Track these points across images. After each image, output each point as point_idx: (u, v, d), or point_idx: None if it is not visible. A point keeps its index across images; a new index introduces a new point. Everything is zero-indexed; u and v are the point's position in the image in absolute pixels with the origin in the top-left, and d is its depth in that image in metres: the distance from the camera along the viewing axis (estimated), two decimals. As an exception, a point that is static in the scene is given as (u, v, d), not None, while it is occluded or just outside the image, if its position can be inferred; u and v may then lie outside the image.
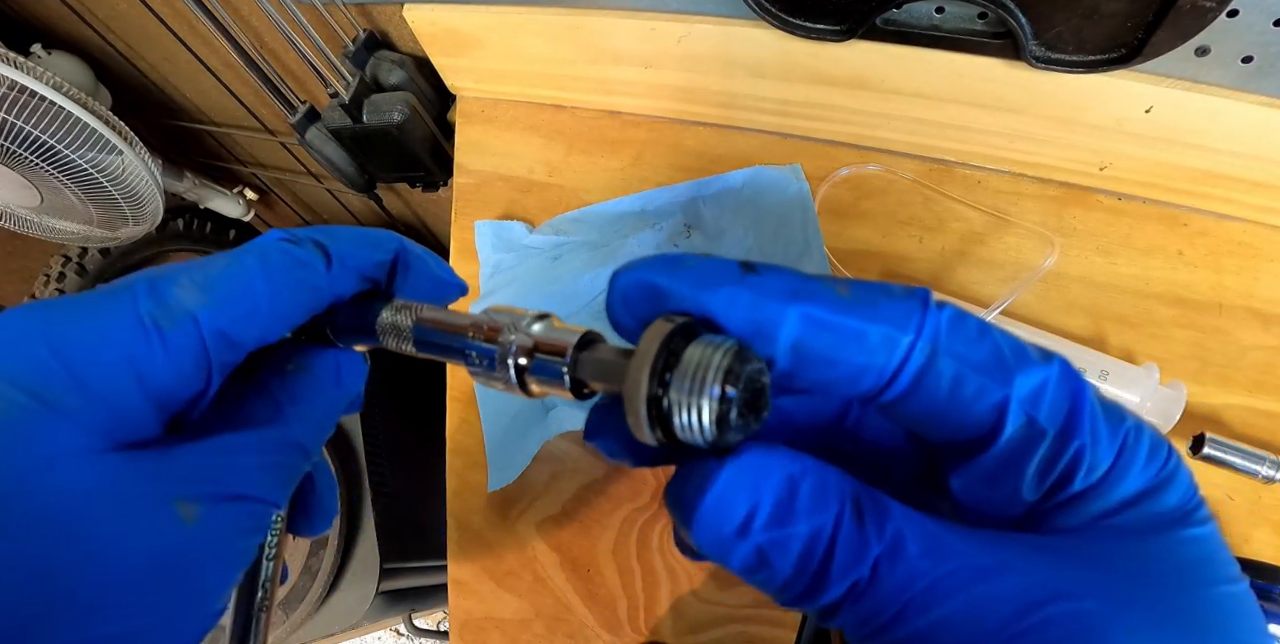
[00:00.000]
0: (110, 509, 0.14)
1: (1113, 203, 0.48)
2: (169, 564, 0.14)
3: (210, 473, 0.15)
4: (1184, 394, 0.40)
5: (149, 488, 0.14)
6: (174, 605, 0.14)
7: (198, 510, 0.14)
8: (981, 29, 0.41)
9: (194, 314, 0.15)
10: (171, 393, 0.15)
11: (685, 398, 0.13)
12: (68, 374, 0.14)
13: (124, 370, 0.15)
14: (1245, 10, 0.35)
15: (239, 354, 0.17)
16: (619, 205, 0.54)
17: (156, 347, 0.15)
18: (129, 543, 0.14)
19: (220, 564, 0.15)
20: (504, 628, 0.48)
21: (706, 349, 0.13)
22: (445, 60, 0.60)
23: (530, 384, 0.16)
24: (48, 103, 0.72)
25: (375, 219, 1.21)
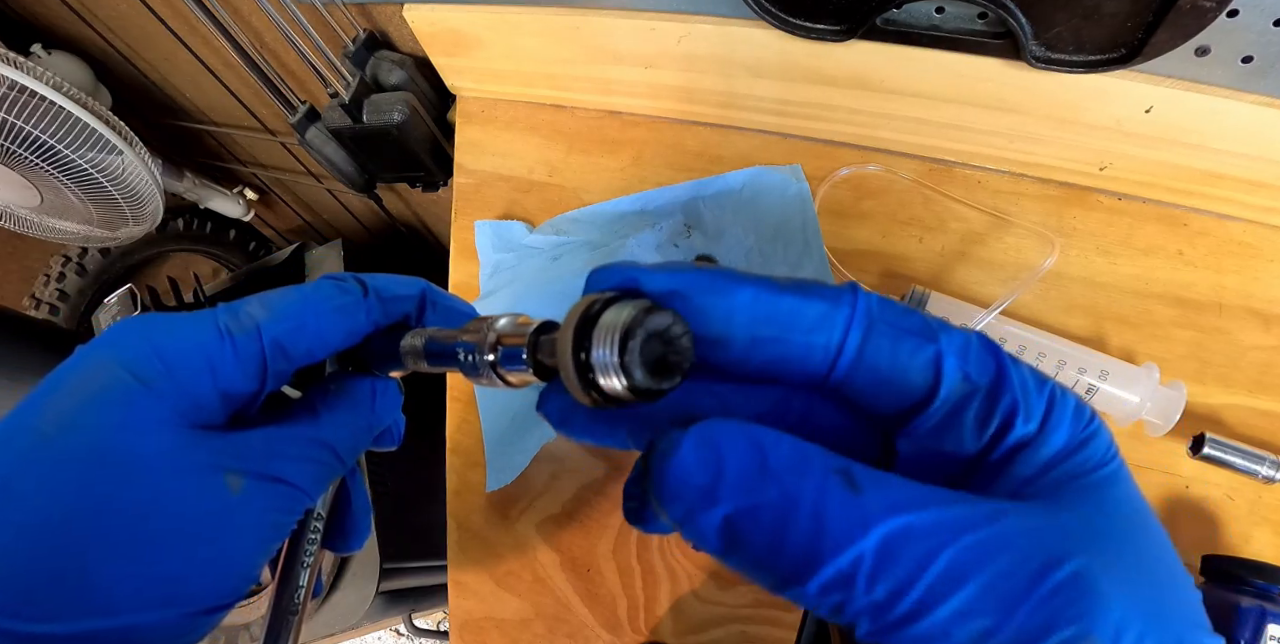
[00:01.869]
0: (173, 469, 0.17)
1: (1113, 203, 0.48)
2: (212, 522, 0.17)
3: (256, 455, 0.19)
4: (1184, 394, 0.40)
5: (207, 459, 0.18)
6: (210, 558, 0.17)
7: (243, 483, 0.18)
8: (981, 29, 0.41)
9: (258, 325, 0.19)
10: (235, 387, 0.19)
11: (600, 352, 0.14)
12: (161, 363, 0.18)
13: (202, 364, 0.18)
14: (1245, 10, 0.35)
15: (290, 364, 0.20)
16: (619, 205, 0.54)
17: (228, 348, 0.19)
18: (183, 498, 0.17)
19: (255, 532, 0.18)
20: (504, 628, 0.48)
21: (620, 310, 0.14)
22: (445, 60, 0.60)
23: (505, 375, 0.18)
24: (48, 103, 0.72)
25: (375, 219, 1.21)
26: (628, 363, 0.14)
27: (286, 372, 0.20)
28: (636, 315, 0.14)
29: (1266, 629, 0.33)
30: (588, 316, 0.14)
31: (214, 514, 0.17)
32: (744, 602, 0.45)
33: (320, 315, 0.20)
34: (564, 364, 0.14)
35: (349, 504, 0.24)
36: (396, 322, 0.23)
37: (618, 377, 0.14)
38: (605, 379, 0.14)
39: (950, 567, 0.12)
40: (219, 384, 0.19)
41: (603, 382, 0.14)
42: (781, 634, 0.43)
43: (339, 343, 0.21)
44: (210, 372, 0.18)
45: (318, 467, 0.20)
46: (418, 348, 0.21)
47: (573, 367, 0.14)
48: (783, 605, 0.44)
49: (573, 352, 0.14)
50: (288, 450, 0.19)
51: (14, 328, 0.84)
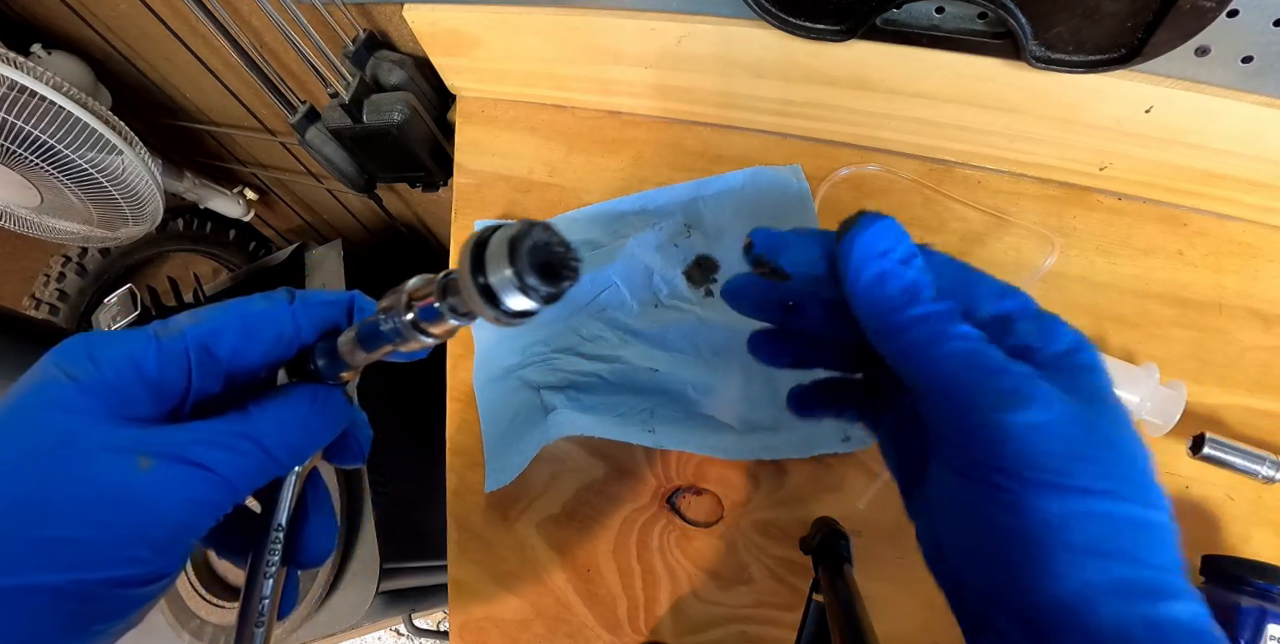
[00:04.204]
0: (87, 447, 0.19)
1: (1113, 203, 0.48)
2: (119, 493, 0.19)
3: (173, 441, 0.20)
4: (1184, 394, 0.40)
5: (121, 441, 0.20)
6: (118, 526, 0.19)
7: (153, 464, 0.20)
8: (981, 29, 0.41)
9: (184, 329, 0.22)
10: (161, 384, 0.21)
11: (496, 272, 0.16)
12: (90, 362, 0.21)
13: (126, 362, 0.21)
14: (1245, 10, 0.35)
15: (217, 363, 0.22)
16: (619, 205, 0.54)
17: (152, 347, 0.21)
18: (93, 472, 0.19)
19: (164, 508, 0.20)
20: (504, 628, 0.48)
21: (499, 234, 0.16)
22: (445, 60, 0.60)
23: (426, 327, 0.19)
24: (48, 103, 0.72)
25: (375, 219, 1.22)
26: (521, 274, 0.16)
27: (215, 371, 0.22)
28: (518, 232, 0.16)
29: (1266, 629, 0.33)
30: (478, 245, 0.16)
31: (120, 488, 0.19)
32: (744, 602, 0.45)
33: (244, 317, 0.23)
34: (467, 291, 0.16)
35: (306, 518, 0.25)
36: (329, 330, 0.24)
37: (517, 289, 0.16)
38: (507, 296, 0.16)
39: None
40: (144, 379, 0.21)
41: (506, 299, 0.16)
42: (781, 634, 0.43)
43: (269, 344, 0.23)
44: (134, 367, 0.21)
45: (239, 457, 0.21)
46: (351, 338, 0.22)
47: (476, 291, 0.16)
48: (783, 605, 0.44)
49: (471, 277, 0.16)
50: (205, 438, 0.21)
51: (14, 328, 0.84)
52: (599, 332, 0.50)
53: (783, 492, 0.46)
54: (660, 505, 0.47)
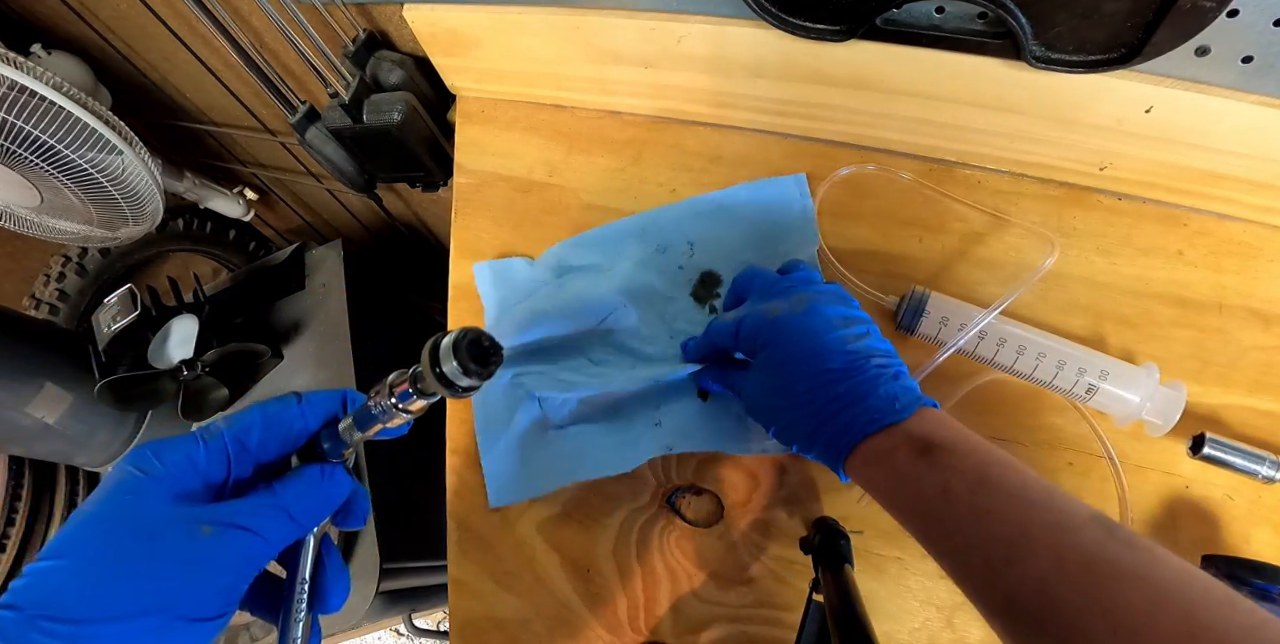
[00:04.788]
0: (164, 522, 0.26)
1: (1113, 203, 0.48)
2: (190, 554, 0.26)
3: (222, 513, 0.27)
4: (1184, 394, 0.40)
5: (186, 516, 0.27)
6: (190, 578, 0.26)
7: (212, 530, 0.26)
8: (981, 29, 0.41)
9: (221, 431, 0.29)
10: (210, 472, 0.29)
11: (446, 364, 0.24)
12: (157, 460, 0.28)
13: (184, 459, 0.28)
14: (1245, 10, 0.35)
15: (248, 453, 0.30)
16: (619, 227, 0.53)
17: (201, 448, 0.29)
18: (170, 540, 0.26)
19: (224, 561, 0.27)
20: (504, 628, 0.48)
21: (447, 339, 0.24)
22: (445, 60, 0.60)
23: (405, 407, 0.27)
24: (48, 103, 0.72)
25: (375, 219, 1.22)
26: (464, 363, 0.23)
27: (248, 460, 0.30)
28: (457, 337, 0.24)
29: (1266, 629, 0.33)
30: (434, 347, 0.24)
31: (191, 549, 0.26)
32: (744, 602, 0.45)
33: (265, 416, 0.30)
34: (428, 378, 0.24)
35: (324, 572, 0.31)
36: (329, 420, 0.31)
37: (462, 373, 0.24)
38: (456, 378, 0.24)
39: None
40: (197, 470, 0.28)
41: (456, 380, 0.24)
42: (781, 634, 0.43)
43: (284, 436, 0.30)
44: (190, 463, 0.28)
45: (273, 521, 0.28)
46: (349, 424, 0.30)
47: (434, 379, 0.24)
48: (783, 605, 0.44)
49: (431, 369, 0.24)
50: (247, 509, 0.28)
51: (14, 328, 0.84)
52: (607, 356, 0.50)
53: (783, 492, 0.46)
54: (660, 505, 0.47)
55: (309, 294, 0.95)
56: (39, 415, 0.80)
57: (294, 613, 0.29)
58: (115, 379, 0.78)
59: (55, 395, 0.81)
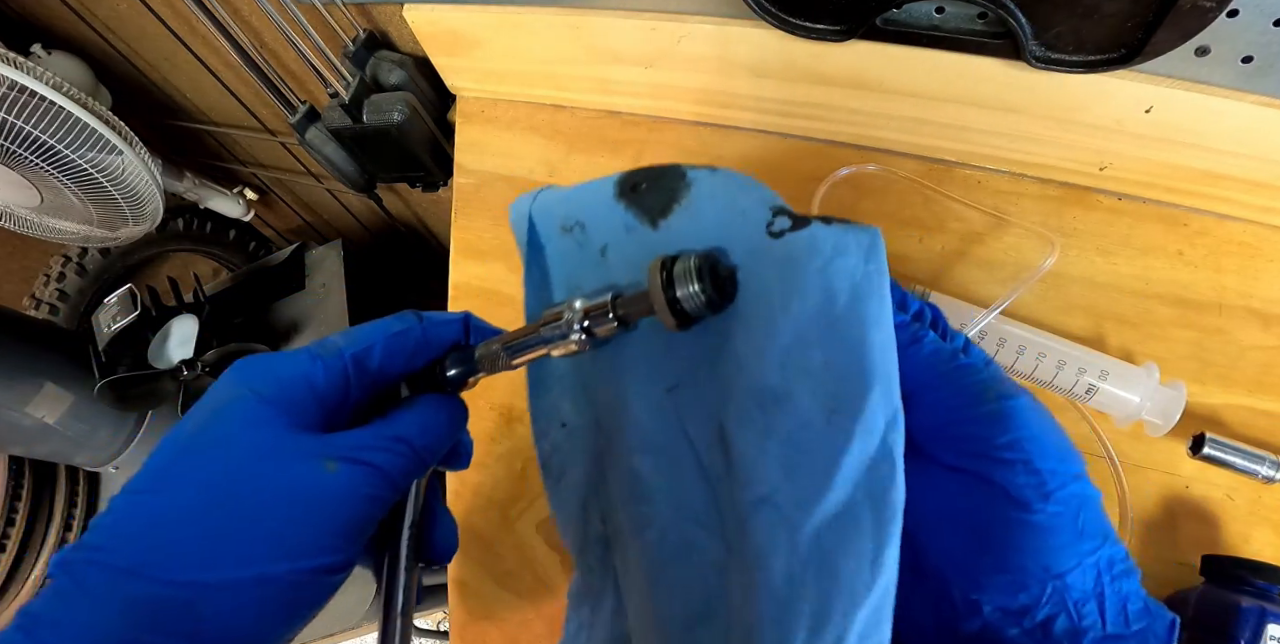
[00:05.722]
0: (285, 455, 0.23)
1: (1113, 203, 0.48)
2: (315, 493, 0.22)
3: (347, 446, 0.24)
4: (1184, 394, 0.40)
5: (310, 449, 0.23)
6: (315, 520, 0.22)
7: (337, 466, 0.23)
8: (981, 29, 0.41)
9: (340, 349, 0.25)
10: (327, 396, 0.25)
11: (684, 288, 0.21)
12: (273, 381, 0.24)
13: (301, 380, 0.24)
14: (1245, 10, 0.35)
15: (367, 377, 0.26)
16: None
17: (319, 367, 0.25)
18: (293, 476, 0.22)
19: (349, 502, 0.23)
20: (504, 628, 0.48)
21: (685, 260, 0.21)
22: (445, 60, 0.60)
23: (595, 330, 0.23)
24: (48, 103, 0.72)
25: (375, 219, 1.22)
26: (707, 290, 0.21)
27: (366, 385, 0.26)
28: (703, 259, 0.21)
29: (1266, 629, 0.33)
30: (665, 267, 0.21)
31: (316, 487, 0.22)
32: (744, 602, 0.45)
33: (387, 337, 0.26)
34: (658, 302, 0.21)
35: (432, 517, 0.28)
36: (449, 346, 0.28)
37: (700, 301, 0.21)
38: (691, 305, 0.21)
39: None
40: (315, 393, 0.24)
41: (688, 308, 0.21)
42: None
43: (405, 359, 0.27)
44: (308, 384, 0.24)
45: (396, 457, 0.24)
46: (495, 350, 0.26)
47: (665, 302, 0.21)
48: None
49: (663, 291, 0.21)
50: (371, 442, 0.24)
51: (14, 328, 0.84)
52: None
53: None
54: (660, 505, 0.47)
55: (309, 294, 0.95)
56: (39, 415, 0.81)
57: (401, 561, 0.26)
58: (115, 379, 0.78)
59: (55, 395, 0.81)
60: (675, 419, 0.24)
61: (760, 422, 0.20)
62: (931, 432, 0.22)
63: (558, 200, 0.28)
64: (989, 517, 0.21)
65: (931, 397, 0.21)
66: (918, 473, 0.20)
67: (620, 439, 0.26)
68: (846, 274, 0.20)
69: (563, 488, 0.30)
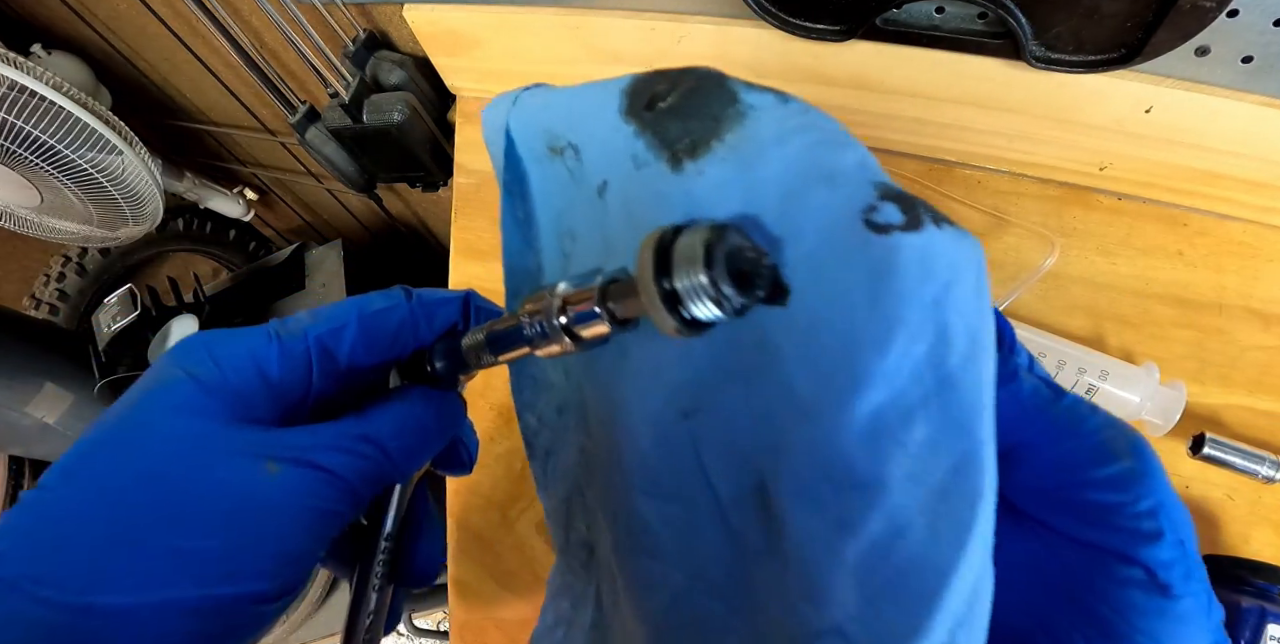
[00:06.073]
0: (215, 451, 0.19)
1: (1113, 203, 0.48)
2: (249, 501, 0.18)
3: (297, 445, 0.19)
4: (1184, 394, 0.40)
5: (248, 445, 0.19)
6: (248, 536, 0.18)
7: (280, 468, 0.19)
8: (981, 29, 0.41)
9: (305, 329, 0.21)
10: (284, 384, 0.21)
11: (684, 278, 0.14)
12: (212, 361, 0.20)
13: (249, 362, 0.20)
14: (1245, 10, 0.35)
15: (336, 363, 0.21)
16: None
17: (274, 348, 0.20)
18: (222, 478, 0.18)
19: (292, 515, 0.19)
20: (504, 628, 0.48)
21: (690, 236, 0.14)
22: (445, 60, 0.60)
23: (578, 331, 0.18)
24: (48, 103, 0.72)
25: (375, 219, 1.22)
26: (717, 279, 0.14)
27: (334, 373, 0.21)
28: (713, 234, 0.14)
29: (1266, 629, 0.33)
30: (662, 247, 0.14)
31: (250, 495, 0.18)
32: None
33: (364, 317, 0.22)
34: (648, 296, 0.14)
35: (414, 530, 0.24)
36: (447, 331, 0.23)
37: (708, 295, 0.14)
38: (694, 302, 0.14)
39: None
40: (267, 381, 0.20)
41: (692, 305, 0.14)
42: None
43: (386, 344, 0.22)
44: (257, 369, 0.20)
45: (358, 459, 0.20)
46: (479, 341, 0.21)
47: (657, 296, 0.14)
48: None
49: (655, 281, 0.14)
50: (329, 442, 0.20)
51: (14, 328, 0.84)
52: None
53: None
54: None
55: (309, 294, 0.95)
56: (39, 415, 0.81)
57: (371, 578, 0.22)
58: (115, 379, 0.78)
59: (55, 395, 0.81)
60: (692, 456, 0.18)
61: (832, 508, 0.14)
62: (1040, 494, 0.18)
63: (543, 106, 0.22)
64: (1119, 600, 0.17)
65: (1039, 453, 0.17)
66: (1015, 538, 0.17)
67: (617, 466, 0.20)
68: (965, 313, 0.15)
69: (548, 472, 0.26)
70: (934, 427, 0.14)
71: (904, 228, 0.14)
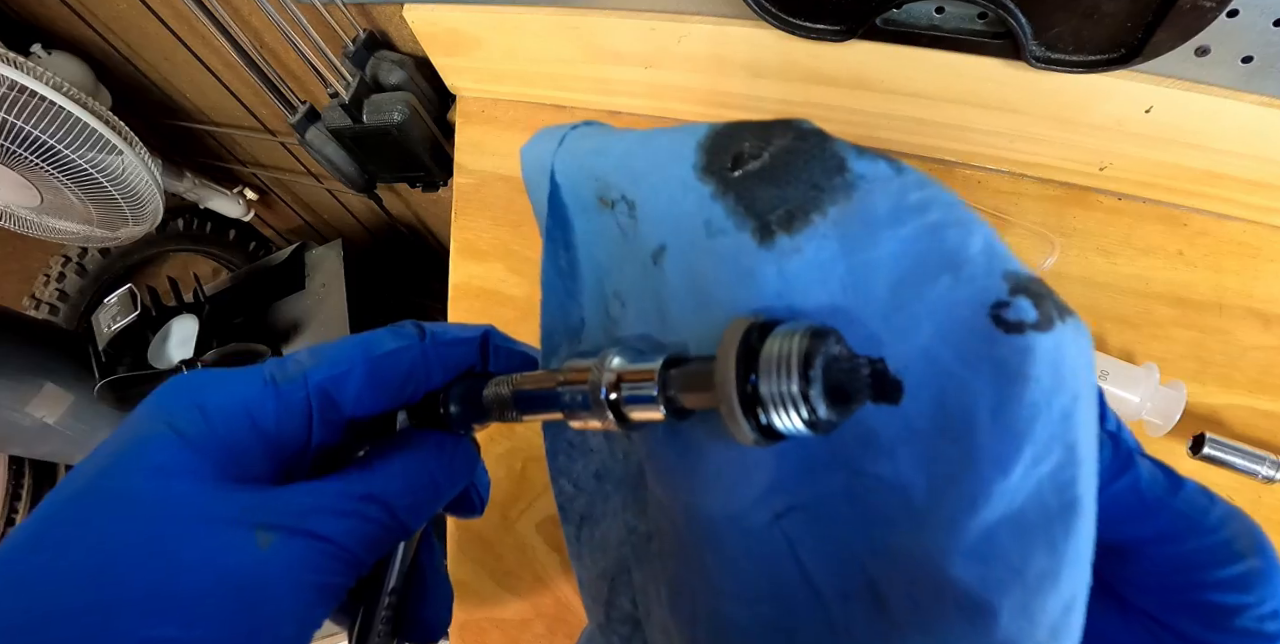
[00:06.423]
0: (199, 520, 0.16)
1: (1113, 203, 0.48)
2: (236, 580, 0.16)
3: (294, 509, 0.17)
4: (1184, 394, 0.40)
5: (238, 512, 0.16)
6: (237, 621, 0.15)
7: (273, 539, 0.16)
8: (981, 29, 0.41)
9: (305, 373, 0.19)
10: (280, 436, 0.18)
11: (773, 384, 0.12)
12: (199, 413, 0.17)
13: (241, 415, 0.18)
14: (1245, 10, 0.35)
15: (340, 412, 0.19)
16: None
17: (269, 396, 0.18)
18: (202, 553, 0.16)
19: (288, 593, 0.16)
20: (504, 628, 0.48)
21: (786, 338, 0.13)
22: (445, 60, 0.60)
23: (627, 413, 0.15)
24: (48, 103, 0.72)
25: (375, 219, 1.22)
26: (811, 394, 0.12)
27: (338, 421, 0.19)
28: (812, 343, 0.12)
29: (1266, 629, 0.33)
30: (748, 345, 0.13)
31: (238, 572, 0.16)
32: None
33: (371, 360, 0.19)
34: (726, 398, 0.13)
35: (421, 583, 0.21)
36: (462, 371, 0.21)
37: (796, 410, 0.12)
38: (780, 413, 0.12)
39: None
40: (261, 434, 0.18)
41: (775, 416, 0.12)
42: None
43: (396, 388, 0.20)
44: (250, 421, 0.18)
45: (365, 524, 0.18)
46: (505, 397, 0.19)
47: (737, 401, 0.13)
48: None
49: (737, 384, 0.13)
50: (330, 505, 0.17)
51: (14, 328, 0.84)
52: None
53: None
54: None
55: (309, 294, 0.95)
56: (39, 415, 0.81)
57: (372, 637, 0.20)
58: (115, 379, 0.78)
59: (55, 395, 0.81)
60: (789, 559, 0.16)
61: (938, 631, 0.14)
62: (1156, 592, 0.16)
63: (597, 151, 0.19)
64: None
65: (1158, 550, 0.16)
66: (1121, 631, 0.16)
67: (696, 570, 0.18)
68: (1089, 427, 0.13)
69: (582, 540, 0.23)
70: (1053, 558, 0.13)
71: (1037, 327, 0.13)
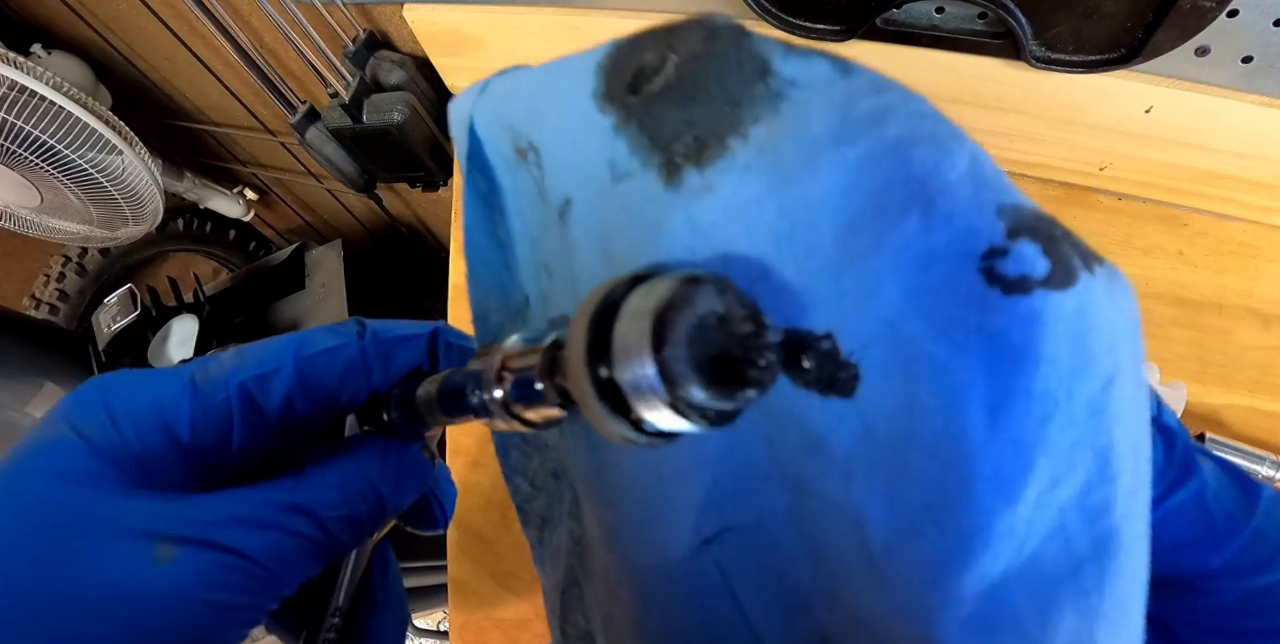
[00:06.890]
0: (90, 531, 0.15)
1: (1113, 203, 0.48)
2: (129, 597, 0.14)
3: (204, 520, 0.15)
4: (1184, 394, 0.40)
5: (137, 521, 0.15)
6: (119, 640, 0.14)
7: (176, 552, 0.15)
8: (981, 29, 0.41)
9: (227, 374, 0.17)
10: (196, 442, 0.17)
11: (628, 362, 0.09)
12: (106, 416, 0.16)
13: (151, 417, 0.16)
14: (1245, 10, 0.35)
15: (263, 416, 0.17)
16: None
17: (185, 399, 0.17)
18: (98, 564, 0.14)
19: (180, 609, 0.15)
20: (504, 628, 0.48)
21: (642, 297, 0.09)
22: (445, 60, 0.60)
23: (520, 412, 0.12)
24: (48, 103, 0.72)
25: (375, 219, 1.22)
26: (671, 374, 0.08)
27: (265, 426, 0.18)
28: (673, 296, 0.09)
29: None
30: (606, 307, 0.09)
31: (127, 587, 0.14)
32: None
33: (302, 359, 0.18)
34: (577, 387, 0.09)
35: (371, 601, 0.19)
36: (409, 373, 0.19)
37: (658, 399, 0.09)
38: (643, 404, 0.09)
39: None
40: (174, 441, 0.16)
41: (643, 406, 0.09)
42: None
43: (331, 392, 0.18)
44: (163, 426, 0.16)
45: (287, 537, 0.16)
46: (431, 394, 0.16)
47: (591, 390, 0.09)
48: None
49: (588, 368, 0.09)
50: (248, 515, 0.16)
51: (14, 328, 0.84)
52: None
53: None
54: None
55: (309, 294, 0.95)
56: (39, 415, 0.81)
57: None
58: (115, 379, 0.78)
59: (55, 395, 0.81)
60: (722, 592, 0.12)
61: None
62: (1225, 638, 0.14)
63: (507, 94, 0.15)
64: None
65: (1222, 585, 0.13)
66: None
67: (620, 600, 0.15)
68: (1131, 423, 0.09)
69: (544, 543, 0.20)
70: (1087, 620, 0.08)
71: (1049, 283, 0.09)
